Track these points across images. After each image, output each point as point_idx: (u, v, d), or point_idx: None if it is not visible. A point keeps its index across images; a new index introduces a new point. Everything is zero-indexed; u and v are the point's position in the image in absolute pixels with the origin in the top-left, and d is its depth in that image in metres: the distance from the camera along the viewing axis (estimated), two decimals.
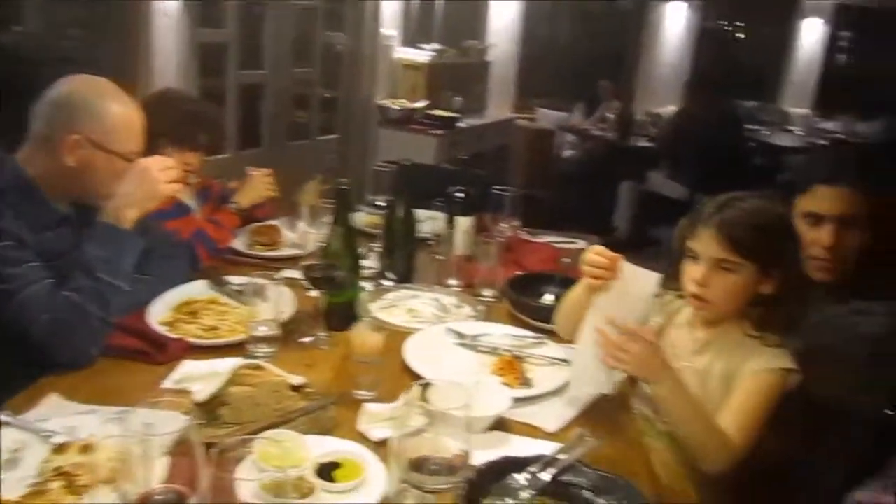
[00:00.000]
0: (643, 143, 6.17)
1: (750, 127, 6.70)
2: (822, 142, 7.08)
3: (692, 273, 1.39)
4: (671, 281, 1.46)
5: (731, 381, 1.38)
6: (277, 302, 1.66)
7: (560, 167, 6.42)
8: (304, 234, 2.14)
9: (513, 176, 6.21)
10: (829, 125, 7.81)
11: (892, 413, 1.63)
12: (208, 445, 1.04)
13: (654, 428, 1.42)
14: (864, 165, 1.70)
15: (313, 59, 4.82)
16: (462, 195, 2.17)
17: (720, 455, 1.32)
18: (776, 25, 8.99)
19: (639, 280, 1.41)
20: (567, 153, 6.60)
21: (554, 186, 6.00)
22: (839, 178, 1.61)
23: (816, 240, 1.60)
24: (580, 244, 2.58)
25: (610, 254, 1.43)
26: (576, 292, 1.55)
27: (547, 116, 6.88)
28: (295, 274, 1.90)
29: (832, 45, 9.29)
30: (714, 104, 5.42)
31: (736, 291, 1.38)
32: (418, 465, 1.06)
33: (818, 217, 1.61)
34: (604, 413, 1.50)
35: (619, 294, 1.42)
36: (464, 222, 2.14)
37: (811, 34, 9.03)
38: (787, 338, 1.39)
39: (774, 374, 1.36)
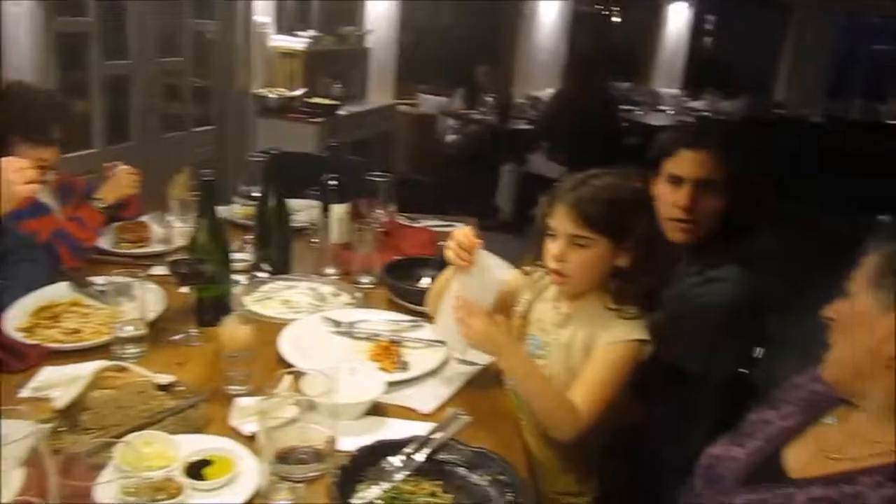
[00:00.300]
0: (523, 125, 6.29)
1: (624, 107, 6.95)
2: (691, 120, 7.42)
3: (551, 249, 1.44)
4: (537, 257, 1.50)
5: (590, 353, 1.44)
6: (144, 300, 1.60)
7: (443, 152, 6.47)
8: (172, 229, 2.07)
9: (396, 162, 6.22)
10: (696, 104, 8.21)
11: (745, 372, 1.74)
12: (70, 453, 1.00)
13: (520, 400, 1.47)
14: (723, 135, 1.79)
15: (182, 48, 4.65)
16: (335, 183, 2.15)
17: (567, 426, 1.37)
18: (647, 9, 9.34)
19: (492, 268, 1.48)
20: (450, 138, 6.66)
21: (438, 171, 6.04)
22: (700, 143, 1.69)
23: (675, 201, 1.68)
24: (458, 227, 2.61)
25: (471, 239, 1.47)
26: (445, 275, 1.58)
27: (428, 102, 6.91)
28: (164, 270, 1.84)
29: (697, 28, 9.75)
30: (590, 86, 5.58)
31: (591, 265, 1.43)
32: (285, 455, 1.05)
33: (679, 179, 1.69)
34: (480, 390, 1.53)
35: (474, 277, 1.47)
36: (338, 210, 2.13)
37: (678, 17, 9.44)
38: (644, 309, 1.45)
39: (626, 345, 1.41)
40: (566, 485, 1.52)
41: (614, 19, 9.43)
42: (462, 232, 1.49)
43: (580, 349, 1.45)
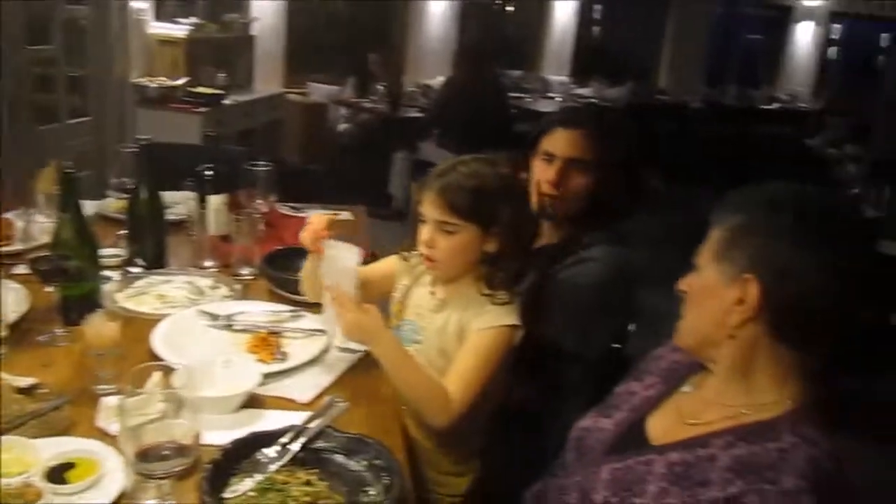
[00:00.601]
0: (414, 113, 6.29)
1: (514, 95, 7.06)
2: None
3: (421, 234, 1.45)
4: (414, 243, 1.51)
5: (463, 339, 1.45)
6: (5, 301, 1.52)
7: (335, 141, 6.40)
8: (35, 225, 1.98)
9: (287, 152, 6.11)
10: (584, 91, 8.42)
11: (618, 347, 1.81)
12: None
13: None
14: (595, 117, 1.85)
15: (53, 36, 4.41)
16: (211, 173, 2.09)
17: (439, 413, 1.38)
18: None
19: (341, 252, 1.48)
20: (342, 127, 6.59)
21: (330, 160, 5.98)
22: (572, 123, 1.75)
23: (546, 177, 1.73)
24: (344, 215, 2.60)
25: (318, 226, 1.48)
26: (307, 262, 1.58)
27: (319, 91, 6.81)
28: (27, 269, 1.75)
29: (584, 18, 9.98)
30: (480, 74, 5.64)
31: (459, 251, 1.44)
32: (148, 453, 1.02)
33: (551, 156, 1.74)
34: (360, 376, 1.54)
35: (328, 265, 1.48)
36: (215, 201, 2.08)
37: (566, 7, 9.64)
38: (514, 294, 1.47)
39: (497, 331, 1.43)
40: (447, 466, 1.54)
41: (508, 8, 9.55)
42: (317, 218, 1.49)
43: (454, 334, 1.46)
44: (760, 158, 5.80)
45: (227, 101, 5.31)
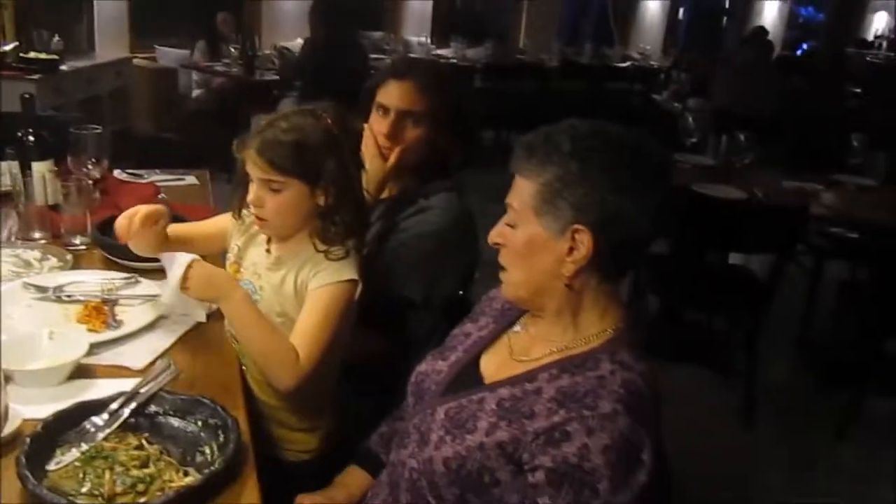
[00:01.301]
0: (271, 76, 6.12)
1: (374, 56, 6.98)
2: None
3: (249, 193, 1.42)
4: (243, 202, 1.47)
5: (301, 297, 1.44)
6: None
7: (189, 107, 6.15)
8: None
9: (138, 120, 5.82)
10: (444, 52, 8.44)
11: (462, 294, 1.86)
12: None
13: (241, 346, 1.46)
14: (426, 70, 1.85)
15: None
16: (33, 139, 1.96)
17: (287, 373, 1.36)
18: None
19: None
20: (196, 92, 6.34)
21: (183, 127, 5.74)
22: (404, 75, 1.76)
23: (380, 129, 1.74)
24: (189, 179, 2.53)
25: (130, 219, 1.45)
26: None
27: (167, 55, 6.50)
28: None
29: None
30: (339, 34, 5.53)
31: (288, 208, 1.40)
32: None
33: (385, 108, 1.74)
34: (199, 339, 1.50)
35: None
36: (39, 168, 1.95)
37: None
38: (352, 247, 1.46)
39: (336, 287, 1.41)
40: (295, 423, 1.53)
41: None
42: (137, 210, 1.45)
43: (291, 292, 1.44)
44: (612, 113, 6.02)
45: (64, 68, 4.98)
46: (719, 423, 3.11)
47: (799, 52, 11.67)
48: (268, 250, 1.49)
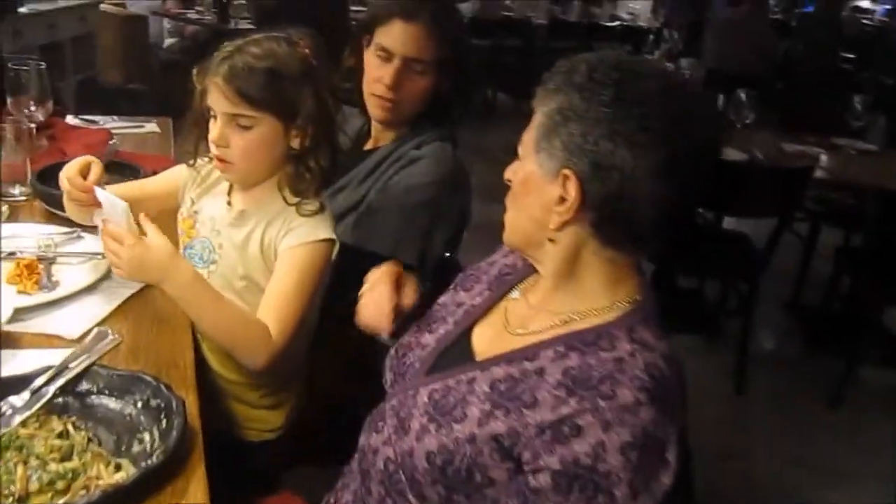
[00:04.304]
0: (246, 25, 5.82)
1: (355, 8, 6.69)
2: None
3: (211, 133, 1.21)
4: (201, 145, 1.27)
5: (268, 257, 1.25)
6: None
7: (160, 56, 5.85)
8: None
9: (104, 69, 5.52)
10: None
11: (448, 256, 1.68)
12: None
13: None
14: (439, 11, 1.59)
15: None
16: None
17: (258, 352, 1.18)
18: None
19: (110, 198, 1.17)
20: (169, 41, 6.05)
21: (154, 76, 5.45)
22: (415, 16, 1.52)
23: (381, 77, 1.54)
24: (149, 127, 2.33)
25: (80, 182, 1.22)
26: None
27: (137, 2, 6.16)
28: None
29: None
30: None
31: (258, 149, 1.21)
32: None
33: (389, 54, 1.53)
34: (145, 303, 1.31)
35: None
36: None
37: None
38: (322, 199, 1.28)
39: (311, 247, 1.23)
40: (258, 399, 1.35)
41: None
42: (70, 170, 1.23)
43: (257, 252, 1.25)
44: None
45: (23, 10, 4.67)
46: (709, 389, 2.99)
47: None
48: (229, 203, 1.29)
